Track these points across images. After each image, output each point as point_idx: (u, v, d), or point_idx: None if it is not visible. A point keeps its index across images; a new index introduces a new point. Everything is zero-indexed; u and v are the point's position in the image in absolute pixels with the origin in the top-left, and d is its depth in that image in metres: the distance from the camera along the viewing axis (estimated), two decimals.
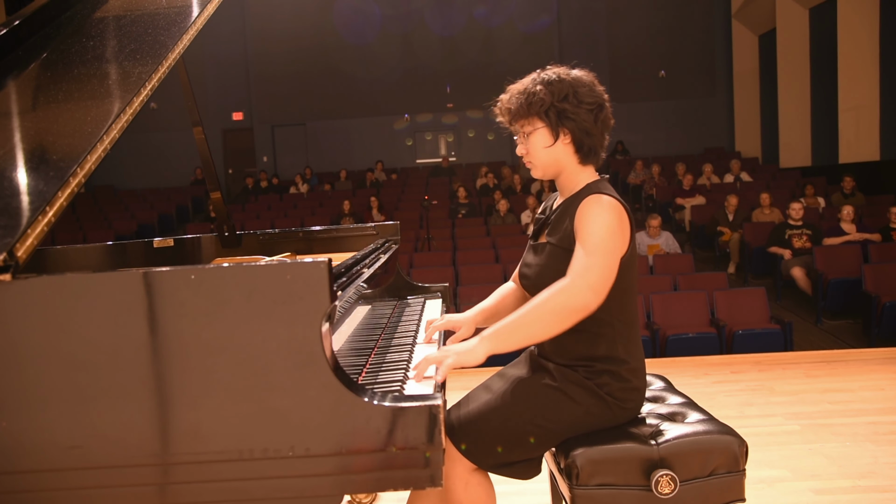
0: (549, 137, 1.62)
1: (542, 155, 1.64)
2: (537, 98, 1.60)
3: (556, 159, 1.64)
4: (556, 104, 1.59)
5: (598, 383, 1.59)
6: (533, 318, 1.50)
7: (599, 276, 1.49)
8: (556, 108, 1.59)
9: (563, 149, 1.63)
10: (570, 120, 1.59)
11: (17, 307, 1.19)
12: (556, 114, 1.60)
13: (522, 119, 1.64)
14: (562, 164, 1.65)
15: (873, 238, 7.21)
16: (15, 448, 1.21)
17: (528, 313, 1.50)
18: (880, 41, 9.81)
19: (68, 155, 1.37)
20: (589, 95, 1.61)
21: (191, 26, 1.80)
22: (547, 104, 1.59)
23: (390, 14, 14.29)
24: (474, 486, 1.60)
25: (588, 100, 1.60)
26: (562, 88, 1.60)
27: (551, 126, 1.61)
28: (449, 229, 9.25)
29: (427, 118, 15.04)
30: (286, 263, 1.22)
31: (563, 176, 1.67)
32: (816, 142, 11.43)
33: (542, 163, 1.65)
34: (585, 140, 1.61)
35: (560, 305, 1.48)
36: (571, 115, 1.59)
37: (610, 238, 1.52)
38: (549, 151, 1.63)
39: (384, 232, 2.66)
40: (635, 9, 14.33)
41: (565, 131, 1.61)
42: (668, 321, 5.55)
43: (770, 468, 2.81)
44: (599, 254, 1.50)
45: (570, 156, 1.63)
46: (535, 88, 1.61)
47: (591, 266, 1.49)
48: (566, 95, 1.59)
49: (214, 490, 1.23)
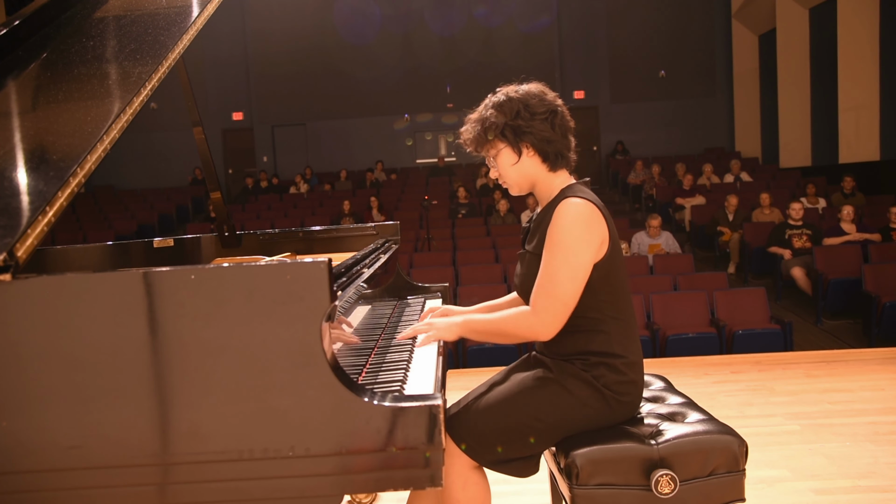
0: (512, 155, 1.68)
1: (511, 173, 1.70)
2: (490, 122, 1.67)
3: (526, 174, 1.69)
4: (510, 123, 1.65)
5: (594, 375, 1.61)
6: (496, 328, 1.65)
7: (557, 313, 1.57)
8: (511, 127, 1.65)
9: (530, 161, 1.68)
10: (527, 133, 1.65)
11: (17, 307, 1.19)
12: (511, 132, 1.66)
13: (485, 145, 1.71)
14: (533, 176, 1.70)
15: (873, 238, 7.21)
16: (15, 448, 1.21)
17: (495, 322, 1.65)
18: (880, 41, 9.81)
19: (68, 155, 1.38)
20: (540, 105, 1.66)
21: (191, 26, 1.80)
22: (500, 125, 1.66)
23: (390, 14, 14.28)
24: (472, 486, 1.61)
25: (540, 110, 1.66)
26: (511, 106, 1.66)
27: (511, 144, 1.67)
28: (449, 229, 9.25)
29: (427, 118, 15.03)
30: (286, 263, 1.22)
31: (538, 187, 1.72)
32: (816, 142, 11.43)
33: (514, 180, 1.71)
34: (548, 148, 1.66)
35: (515, 332, 1.63)
36: (526, 129, 1.65)
37: (575, 254, 1.55)
38: (517, 168, 1.69)
39: (384, 232, 2.66)
40: (635, 9, 14.32)
41: (526, 145, 1.66)
42: (668, 321, 5.55)
43: (770, 468, 2.81)
44: (560, 283, 1.55)
45: (538, 166, 1.68)
46: (486, 114, 1.68)
47: (551, 304, 1.56)
48: (517, 112, 1.65)
49: (214, 490, 1.23)
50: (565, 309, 1.57)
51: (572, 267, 1.55)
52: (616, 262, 1.63)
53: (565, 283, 1.55)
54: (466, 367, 5.17)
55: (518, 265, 1.77)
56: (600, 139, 14.78)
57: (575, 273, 1.55)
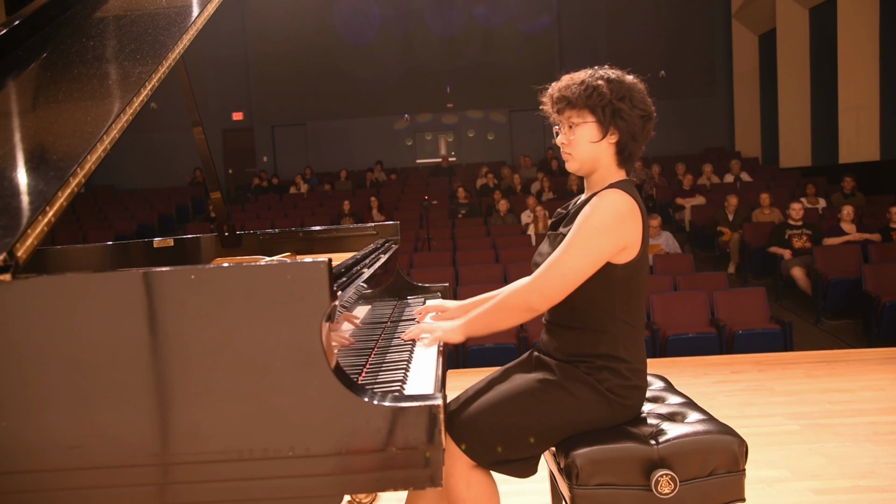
0: (597, 133, 1.61)
1: (585, 149, 1.63)
2: (598, 92, 1.59)
3: (597, 156, 1.63)
4: (615, 102, 1.60)
5: (598, 378, 1.59)
6: (494, 312, 1.63)
7: (555, 285, 1.55)
8: (613, 106, 1.60)
9: (607, 148, 1.63)
10: (623, 120, 1.60)
11: (17, 307, 1.19)
12: (611, 111, 1.60)
13: (574, 109, 1.63)
14: (600, 161, 1.64)
15: (873, 238, 7.21)
16: (15, 448, 1.21)
17: (493, 306, 1.63)
18: (880, 41, 9.81)
19: (68, 155, 1.38)
20: (642, 102, 1.63)
21: (191, 26, 1.80)
22: (606, 100, 1.59)
23: (390, 14, 14.28)
24: (476, 485, 1.59)
25: (641, 106, 1.63)
26: (621, 88, 1.61)
27: (603, 122, 1.60)
28: (449, 229, 9.25)
29: (427, 118, 15.03)
30: (286, 263, 1.22)
31: (596, 174, 1.67)
32: (816, 142, 11.43)
33: (583, 156, 1.64)
34: (630, 144, 1.62)
35: (512, 304, 1.61)
36: (625, 115, 1.60)
37: (595, 235, 1.53)
38: (594, 147, 1.62)
39: (384, 232, 2.66)
40: (635, 9, 14.32)
41: (614, 130, 1.61)
42: (668, 321, 5.55)
43: (770, 468, 2.81)
44: (568, 256, 1.53)
45: (610, 156, 1.63)
46: (595, 82, 1.61)
47: (551, 274, 1.54)
48: (624, 96, 1.60)
49: (214, 490, 1.23)
50: (563, 283, 1.54)
51: (588, 245, 1.52)
52: (641, 269, 1.61)
53: (573, 258, 1.53)
54: (466, 367, 5.18)
55: (545, 244, 1.72)
56: None
57: (587, 251, 1.52)
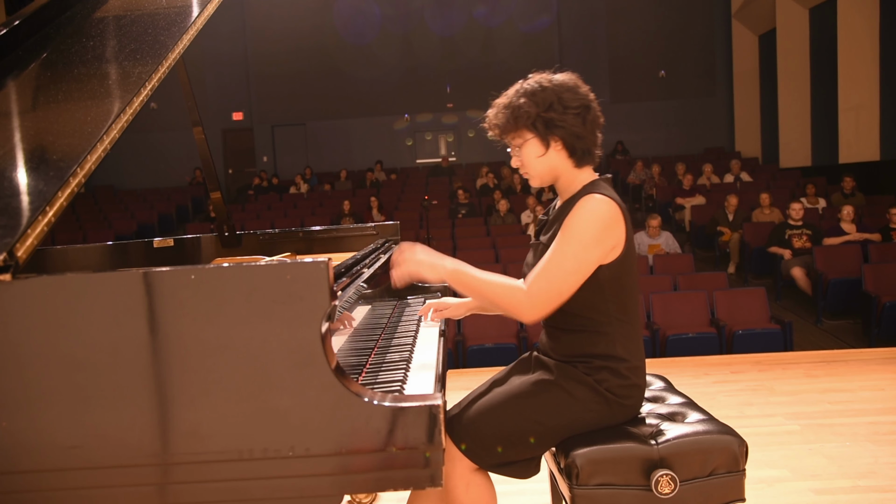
0: (540, 147, 1.62)
1: (536, 164, 1.64)
2: (522, 111, 1.59)
3: (551, 166, 1.64)
4: (542, 114, 1.59)
5: (596, 379, 1.59)
6: (485, 289, 1.58)
7: (548, 300, 1.53)
8: (543, 119, 1.59)
9: (557, 155, 1.62)
10: (559, 127, 1.59)
11: (17, 307, 1.19)
12: (543, 124, 1.59)
13: (511, 133, 1.64)
14: (557, 170, 1.65)
15: (873, 238, 7.21)
16: (15, 448, 1.21)
17: (486, 283, 1.58)
18: (880, 41, 9.81)
19: (68, 155, 1.38)
20: (574, 99, 1.60)
21: (191, 26, 1.80)
22: (533, 116, 1.59)
23: (390, 14, 14.28)
24: (475, 487, 1.59)
25: (574, 104, 1.60)
26: (545, 97, 1.59)
27: (540, 136, 1.60)
28: (449, 229, 9.25)
29: (427, 118, 15.04)
30: (286, 263, 1.22)
31: (560, 180, 1.68)
32: (816, 142, 11.43)
33: (538, 172, 1.66)
34: (577, 144, 1.61)
35: (502, 302, 1.56)
36: (559, 122, 1.59)
37: (585, 249, 1.52)
38: (543, 160, 1.63)
39: (384, 232, 2.66)
40: (635, 9, 14.32)
41: (555, 139, 1.60)
42: (668, 321, 5.55)
43: (770, 468, 2.81)
44: (562, 273, 1.52)
45: (564, 161, 1.63)
46: (518, 101, 1.61)
47: (546, 290, 1.52)
48: (551, 104, 1.59)
49: (214, 490, 1.23)
50: (558, 298, 1.54)
51: (579, 260, 1.52)
52: (628, 265, 1.61)
53: (567, 274, 1.52)
54: (466, 367, 5.17)
55: (530, 254, 1.74)
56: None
57: (579, 267, 1.53)
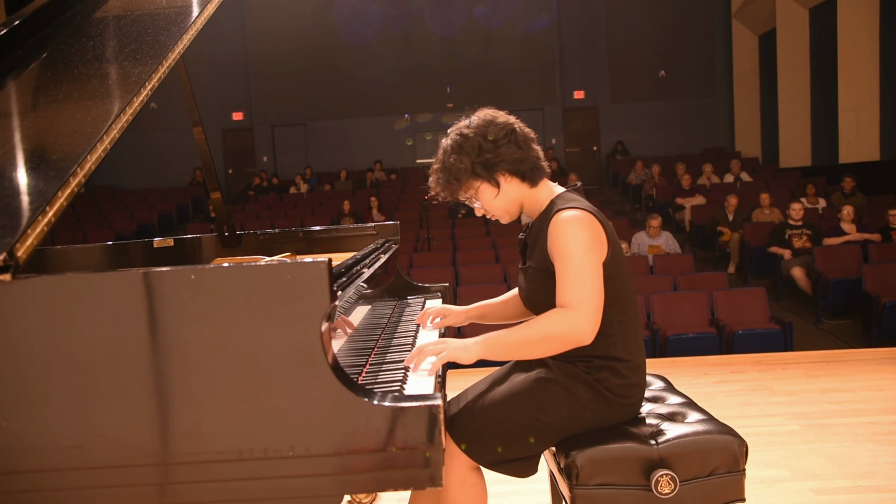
0: (492, 189, 1.66)
1: (497, 204, 1.68)
2: (457, 167, 1.63)
3: (511, 199, 1.68)
4: (477, 160, 1.62)
5: (597, 378, 1.60)
6: (532, 340, 1.53)
7: (594, 308, 1.51)
8: (480, 163, 1.62)
9: (510, 187, 1.66)
10: (499, 163, 1.62)
11: (17, 307, 1.19)
12: (483, 168, 1.63)
13: (458, 190, 1.67)
14: (518, 198, 1.68)
15: (873, 238, 7.21)
16: (15, 448, 1.21)
17: (529, 335, 1.53)
18: (880, 41, 9.81)
19: (68, 155, 1.38)
20: (498, 131, 1.63)
21: (191, 26, 1.80)
22: (468, 166, 1.62)
23: (390, 14, 14.28)
24: (470, 486, 1.60)
25: (501, 135, 1.63)
26: (472, 144, 1.63)
27: (487, 179, 1.64)
28: (449, 229, 9.25)
29: (427, 118, 15.03)
30: (286, 263, 1.22)
31: (525, 205, 1.71)
32: (816, 142, 11.43)
33: (502, 210, 1.69)
34: (523, 167, 1.64)
35: (557, 334, 1.51)
36: (495, 159, 1.62)
37: (587, 257, 1.52)
38: (500, 198, 1.67)
39: (384, 232, 2.66)
40: (635, 9, 14.32)
41: (501, 174, 1.64)
42: (668, 321, 5.55)
43: (770, 468, 2.81)
44: (588, 282, 1.51)
45: (518, 188, 1.67)
46: (450, 160, 1.64)
47: (588, 300, 1.50)
48: (479, 146, 1.62)
49: (214, 490, 1.23)
50: (600, 304, 1.52)
51: (592, 264, 1.52)
52: (618, 265, 1.61)
53: (593, 280, 1.51)
54: (466, 367, 5.17)
55: (521, 279, 1.75)
56: (600, 139, 14.78)
57: (596, 269, 1.52)
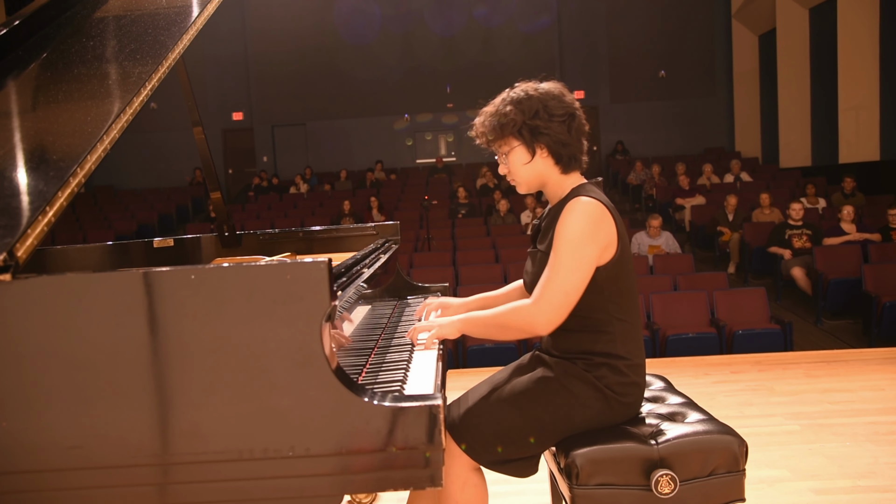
0: (526, 154, 1.65)
1: (522, 171, 1.68)
2: (508, 119, 1.63)
3: (538, 173, 1.67)
4: (528, 122, 1.62)
5: (596, 376, 1.60)
6: (495, 321, 1.63)
7: (559, 303, 1.54)
8: (529, 126, 1.62)
9: (543, 162, 1.65)
10: (544, 135, 1.62)
11: (17, 307, 1.19)
12: (529, 131, 1.63)
13: (498, 140, 1.68)
14: (544, 176, 1.68)
15: (873, 238, 7.21)
16: (15, 448, 1.21)
17: (494, 317, 1.63)
18: (880, 41, 9.81)
19: (68, 155, 1.37)
20: (559, 107, 1.63)
21: (191, 26, 1.80)
22: (518, 123, 1.62)
23: (390, 14, 14.28)
24: (471, 487, 1.60)
25: (559, 112, 1.63)
26: (531, 105, 1.62)
27: (526, 143, 1.64)
28: (449, 229, 9.25)
29: (427, 118, 15.04)
30: (286, 263, 1.22)
31: (548, 187, 1.70)
32: (816, 142, 11.43)
33: (525, 179, 1.69)
34: (563, 151, 1.64)
35: (515, 324, 1.60)
36: (544, 129, 1.62)
37: (576, 250, 1.53)
38: (529, 167, 1.66)
39: (384, 232, 2.66)
40: (635, 9, 14.32)
41: (541, 146, 1.63)
42: (668, 321, 5.55)
43: (770, 468, 2.81)
44: (563, 273, 1.53)
45: (550, 168, 1.66)
46: (505, 109, 1.64)
47: (550, 294, 1.54)
48: (536, 111, 1.62)
49: (214, 490, 1.23)
50: (566, 300, 1.54)
51: (577, 258, 1.53)
52: (625, 264, 1.62)
53: (568, 273, 1.53)
54: (466, 367, 5.17)
55: (528, 262, 1.76)
56: (600, 139, 14.78)
57: (579, 265, 1.53)
